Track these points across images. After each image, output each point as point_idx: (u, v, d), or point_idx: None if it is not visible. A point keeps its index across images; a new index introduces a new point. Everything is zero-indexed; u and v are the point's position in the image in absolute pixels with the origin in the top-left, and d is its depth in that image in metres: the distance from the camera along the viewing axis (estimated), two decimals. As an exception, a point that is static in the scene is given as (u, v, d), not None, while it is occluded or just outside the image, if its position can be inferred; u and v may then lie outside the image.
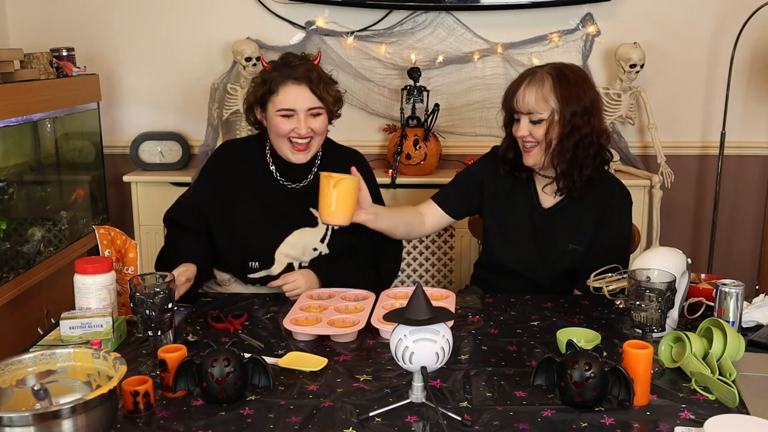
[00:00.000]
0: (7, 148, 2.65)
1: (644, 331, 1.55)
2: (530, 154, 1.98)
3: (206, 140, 3.24)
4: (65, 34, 3.25)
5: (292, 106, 1.96)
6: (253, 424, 1.31)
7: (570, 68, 1.97)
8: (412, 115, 3.23)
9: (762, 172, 3.37)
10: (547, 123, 1.93)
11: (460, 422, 1.30)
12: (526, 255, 2.07)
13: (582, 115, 1.93)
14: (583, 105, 1.93)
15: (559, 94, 1.91)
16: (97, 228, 1.84)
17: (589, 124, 1.94)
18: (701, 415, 1.31)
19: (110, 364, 1.27)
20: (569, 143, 1.93)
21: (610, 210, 2.03)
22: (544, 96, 1.92)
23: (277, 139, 2.01)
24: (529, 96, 1.93)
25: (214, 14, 3.31)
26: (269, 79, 1.97)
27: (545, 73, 1.94)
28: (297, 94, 1.96)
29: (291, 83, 1.95)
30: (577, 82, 1.94)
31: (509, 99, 1.98)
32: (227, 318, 1.79)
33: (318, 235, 2.06)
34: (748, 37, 3.09)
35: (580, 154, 1.94)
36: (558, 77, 1.93)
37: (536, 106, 1.92)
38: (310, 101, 1.96)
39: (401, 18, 3.24)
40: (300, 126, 1.96)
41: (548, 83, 1.92)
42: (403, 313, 1.29)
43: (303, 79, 1.96)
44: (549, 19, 3.22)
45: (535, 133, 1.95)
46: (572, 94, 1.92)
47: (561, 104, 1.91)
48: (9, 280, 2.55)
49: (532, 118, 1.94)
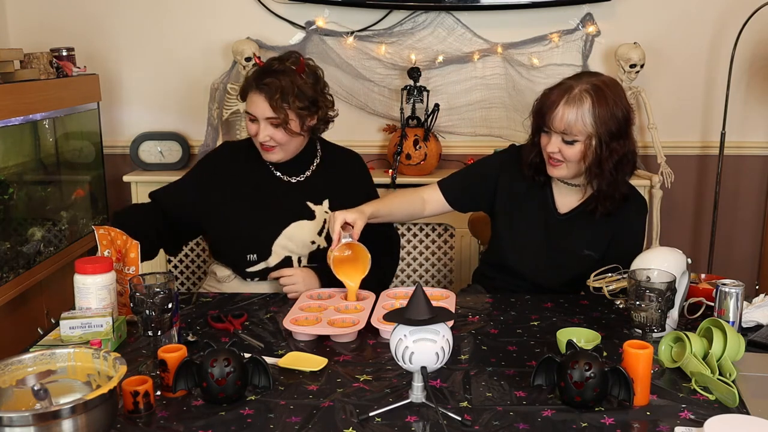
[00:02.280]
0: (7, 148, 2.65)
1: (644, 331, 1.55)
2: (556, 168, 1.94)
3: (206, 140, 3.24)
4: (65, 34, 3.25)
5: (253, 112, 2.01)
6: (253, 424, 1.31)
7: (607, 84, 1.89)
8: (412, 115, 3.23)
9: (762, 172, 3.37)
10: (583, 145, 1.87)
11: (460, 422, 1.30)
12: (535, 259, 2.04)
13: (618, 137, 1.88)
14: (619, 124, 1.87)
15: (597, 116, 1.85)
16: (97, 228, 1.84)
17: (626, 145, 1.90)
18: (701, 415, 1.31)
19: (110, 364, 1.27)
20: (609, 166, 1.89)
21: (626, 220, 2.00)
22: (582, 118, 1.85)
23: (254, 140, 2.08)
24: (568, 116, 1.85)
25: (214, 14, 3.31)
26: (245, 83, 2.05)
27: (583, 90, 1.86)
28: (256, 102, 2.00)
29: (253, 91, 2.00)
30: (615, 100, 1.87)
31: (543, 112, 1.90)
32: (227, 318, 1.79)
33: (316, 228, 2.08)
34: (748, 37, 3.09)
35: (620, 175, 1.92)
36: (597, 95, 1.85)
37: (574, 128, 1.85)
38: (267, 111, 1.98)
39: (401, 18, 3.24)
40: (260, 132, 2.01)
41: (587, 104, 1.85)
42: (403, 313, 1.29)
43: (263, 89, 1.98)
44: (549, 19, 3.22)
45: (565, 151, 1.89)
46: (609, 113, 1.86)
47: (599, 127, 1.85)
48: (9, 280, 2.55)
49: (565, 138, 1.88)
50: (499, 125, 3.31)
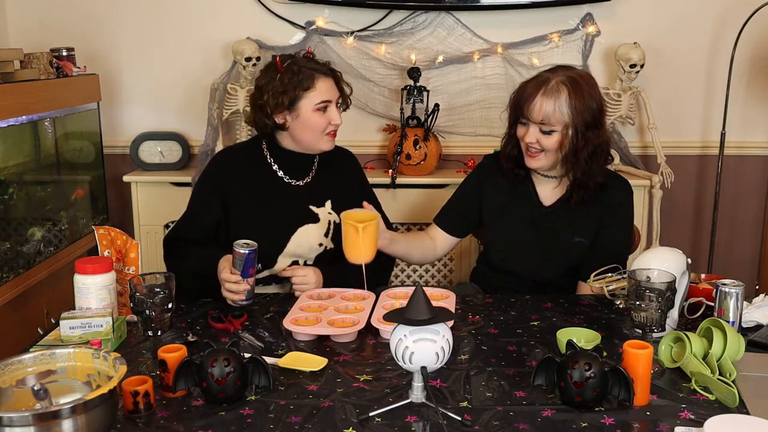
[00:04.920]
0: (7, 148, 2.65)
1: (644, 331, 1.55)
2: (534, 159, 1.99)
3: (206, 140, 3.24)
4: (65, 34, 3.25)
5: (329, 97, 2.01)
6: (253, 424, 1.31)
7: (582, 76, 1.96)
8: (412, 115, 3.23)
9: (762, 172, 3.37)
10: (560, 135, 1.93)
11: (460, 422, 1.30)
12: (528, 256, 2.08)
13: (593, 127, 1.93)
14: (594, 115, 1.93)
15: (573, 107, 1.91)
16: (97, 228, 1.84)
17: (600, 135, 1.95)
18: (701, 415, 1.31)
19: (110, 364, 1.27)
20: (584, 155, 1.94)
21: (613, 204, 2.04)
22: (559, 108, 1.91)
23: (311, 135, 2.03)
24: (546, 107, 1.91)
25: (214, 14, 3.31)
26: (301, 77, 1.98)
27: (560, 82, 1.92)
28: (330, 85, 2.02)
29: (323, 77, 2.00)
30: (589, 91, 1.94)
31: (521, 104, 1.96)
32: (227, 318, 1.79)
33: (321, 230, 2.08)
34: (748, 37, 3.09)
35: (594, 164, 1.96)
36: (573, 87, 1.92)
37: (551, 117, 1.91)
38: (337, 92, 2.04)
39: (401, 18, 3.24)
40: (336, 116, 2.03)
41: (564, 94, 1.91)
42: (403, 313, 1.29)
43: (329, 71, 2.03)
44: (549, 19, 3.22)
45: (543, 141, 1.94)
46: (585, 104, 1.92)
47: (575, 117, 1.91)
48: (9, 280, 2.55)
49: (543, 128, 1.93)
50: (499, 125, 3.28)
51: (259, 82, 2.04)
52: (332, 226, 2.08)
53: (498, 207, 2.11)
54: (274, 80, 1.99)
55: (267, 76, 2.01)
